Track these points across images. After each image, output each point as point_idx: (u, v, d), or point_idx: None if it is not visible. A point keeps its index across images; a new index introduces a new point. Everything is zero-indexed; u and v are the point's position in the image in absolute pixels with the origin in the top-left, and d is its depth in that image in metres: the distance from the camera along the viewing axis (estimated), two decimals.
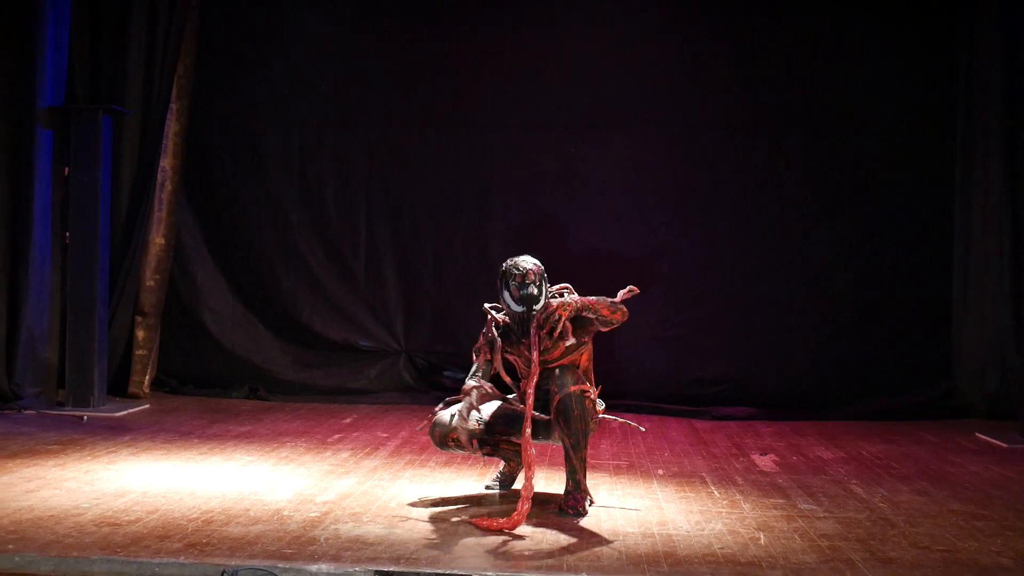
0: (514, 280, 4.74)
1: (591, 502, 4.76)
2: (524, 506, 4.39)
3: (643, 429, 5.30)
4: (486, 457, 5.04)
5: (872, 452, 6.46)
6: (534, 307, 4.70)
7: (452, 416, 4.81)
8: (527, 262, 4.80)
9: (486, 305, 4.91)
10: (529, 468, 4.52)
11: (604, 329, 4.72)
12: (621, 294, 4.74)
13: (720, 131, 8.44)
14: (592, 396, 4.71)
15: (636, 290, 4.75)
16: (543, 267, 4.83)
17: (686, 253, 8.47)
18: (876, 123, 8.33)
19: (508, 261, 4.82)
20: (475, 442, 4.80)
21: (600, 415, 4.79)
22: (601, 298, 4.72)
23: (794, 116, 8.39)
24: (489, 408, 4.87)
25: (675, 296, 8.48)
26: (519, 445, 4.98)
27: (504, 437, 4.88)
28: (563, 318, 4.63)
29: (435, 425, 4.83)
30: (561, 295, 4.83)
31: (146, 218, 8.09)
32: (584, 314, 4.69)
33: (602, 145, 8.55)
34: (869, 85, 8.32)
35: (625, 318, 4.69)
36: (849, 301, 8.35)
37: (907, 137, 8.30)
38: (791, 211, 8.41)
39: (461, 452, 4.91)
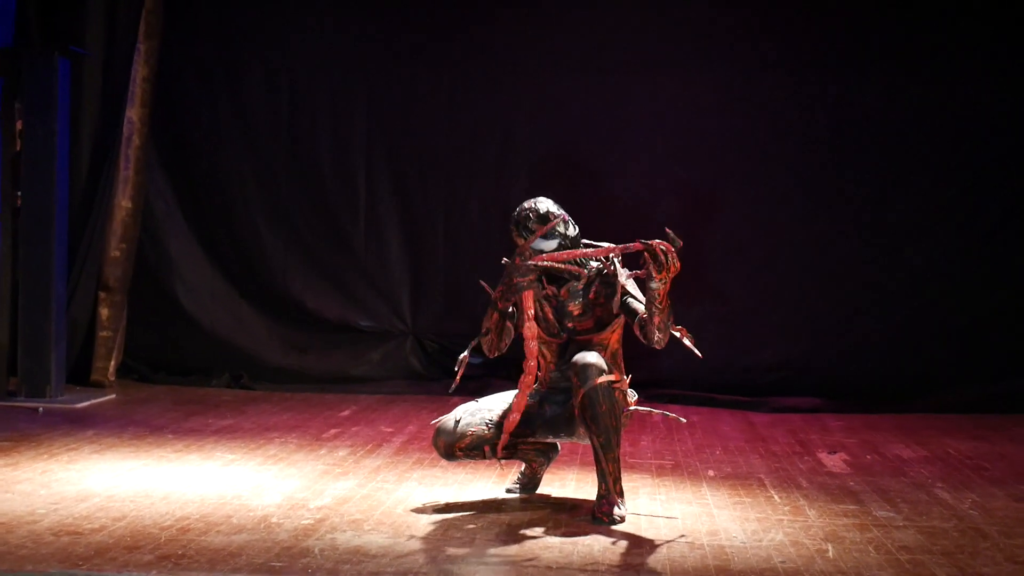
0: (533, 222, 4.76)
1: (624, 509, 4.75)
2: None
3: (684, 420, 5.28)
4: (504, 461, 5.04)
5: (960, 451, 6.43)
6: (567, 240, 4.70)
7: (457, 422, 4.80)
8: (544, 202, 4.82)
9: (505, 259, 4.87)
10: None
11: (641, 331, 4.62)
12: (678, 332, 4.65)
13: (782, 70, 8.37)
14: (622, 386, 4.69)
15: (691, 346, 4.63)
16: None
17: (742, 215, 8.42)
18: (971, 58, 8.21)
19: (521, 206, 4.85)
20: (487, 448, 4.80)
21: (631, 407, 4.78)
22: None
23: (869, 52, 8.30)
24: (500, 407, 4.86)
25: (729, 266, 8.44)
26: (537, 445, 4.97)
27: (521, 438, 4.88)
28: (673, 258, 4.46)
29: (439, 433, 4.82)
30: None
31: (110, 178, 8.11)
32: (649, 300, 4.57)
33: (644, 89, 8.50)
34: (963, 11, 8.19)
35: (660, 347, 4.64)
36: (935, 273, 8.29)
37: (1009, 75, 8.18)
38: (867, 165, 8.34)
39: (471, 462, 4.90)
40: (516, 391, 4.85)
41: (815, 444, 6.61)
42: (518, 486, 5.14)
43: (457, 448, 4.79)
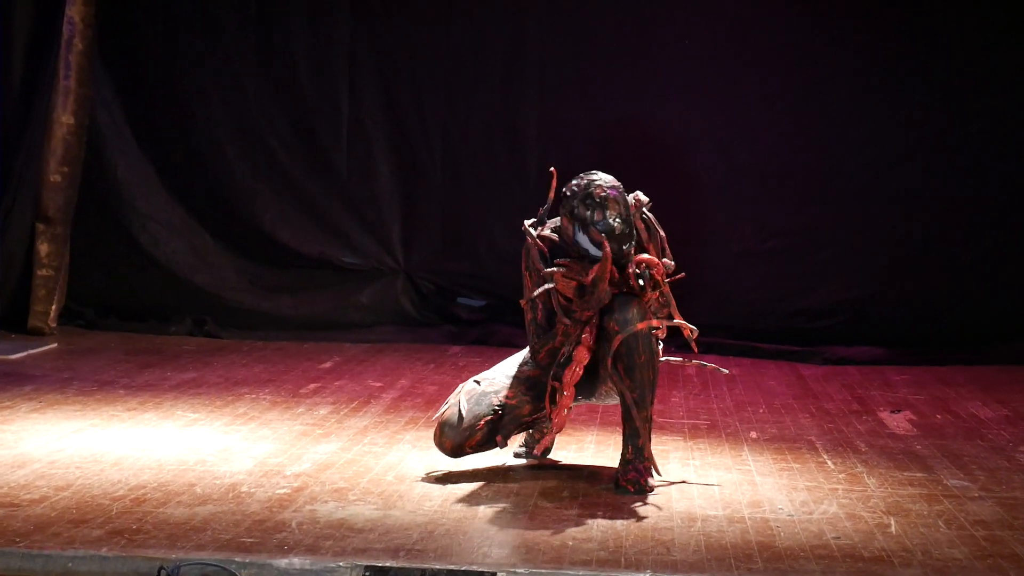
0: (593, 210, 4.62)
1: (657, 475, 4.77)
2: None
3: (726, 372, 5.25)
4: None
5: None
6: (624, 246, 4.63)
7: (462, 415, 4.76)
8: (606, 181, 4.68)
9: (527, 223, 4.82)
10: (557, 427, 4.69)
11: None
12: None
13: None
14: (661, 334, 4.70)
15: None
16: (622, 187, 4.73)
17: (788, 131, 8.37)
18: None
19: (577, 181, 4.69)
20: (500, 439, 4.80)
21: (661, 358, 4.77)
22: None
23: None
24: (500, 384, 4.81)
25: (774, 193, 8.40)
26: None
27: (533, 417, 4.86)
28: (658, 279, 4.63)
29: (444, 431, 4.78)
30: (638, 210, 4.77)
31: (48, 88, 8.06)
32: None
33: None
34: None
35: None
36: (1019, 200, 8.23)
37: None
38: (939, 75, 8.26)
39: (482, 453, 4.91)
40: (518, 360, 4.84)
41: (876, 401, 6.61)
42: (526, 450, 5.14)
43: (467, 447, 4.79)
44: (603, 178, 4.69)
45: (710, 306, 8.25)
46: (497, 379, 4.86)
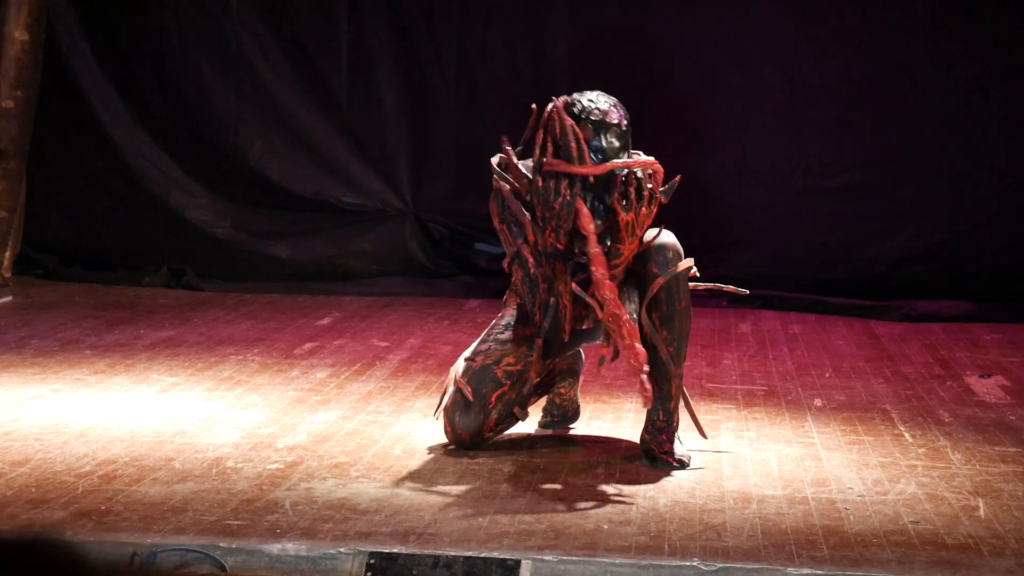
0: (589, 124, 4.64)
1: (703, 437, 4.78)
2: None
3: (746, 293, 5.06)
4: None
5: None
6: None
7: (467, 398, 4.69)
8: (602, 101, 4.68)
9: (495, 160, 4.82)
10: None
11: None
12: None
13: None
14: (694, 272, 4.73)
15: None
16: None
17: (864, 47, 8.33)
18: None
19: (571, 97, 4.71)
20: (518, 410, 4.80)
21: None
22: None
23: None
24: (498, 353, 4.78)
25: (845, 119, 8.37)
26: (560, 365, 4.97)
27: (546, 378, 4.88)
28: (653, 178, 4.58)
29: (455, 421, 4.69)
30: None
31: None
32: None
33: None
34: None
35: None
36: None
37: None
38: None
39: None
40: (505, 323, 4.85)
41: (962, 364, 6.60)
42: (551, 419, 5.15)
43: (486, 432, 4.76)
44: (594, 98, 4.70)
45: (768, 253, 8.27)
46: (491, 349, 4.82)
